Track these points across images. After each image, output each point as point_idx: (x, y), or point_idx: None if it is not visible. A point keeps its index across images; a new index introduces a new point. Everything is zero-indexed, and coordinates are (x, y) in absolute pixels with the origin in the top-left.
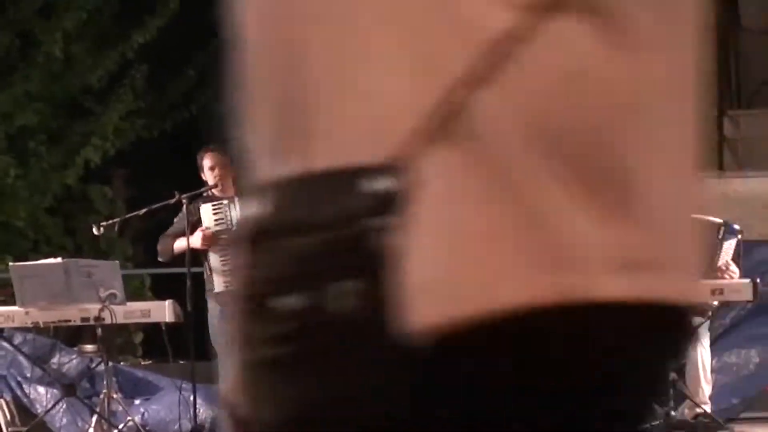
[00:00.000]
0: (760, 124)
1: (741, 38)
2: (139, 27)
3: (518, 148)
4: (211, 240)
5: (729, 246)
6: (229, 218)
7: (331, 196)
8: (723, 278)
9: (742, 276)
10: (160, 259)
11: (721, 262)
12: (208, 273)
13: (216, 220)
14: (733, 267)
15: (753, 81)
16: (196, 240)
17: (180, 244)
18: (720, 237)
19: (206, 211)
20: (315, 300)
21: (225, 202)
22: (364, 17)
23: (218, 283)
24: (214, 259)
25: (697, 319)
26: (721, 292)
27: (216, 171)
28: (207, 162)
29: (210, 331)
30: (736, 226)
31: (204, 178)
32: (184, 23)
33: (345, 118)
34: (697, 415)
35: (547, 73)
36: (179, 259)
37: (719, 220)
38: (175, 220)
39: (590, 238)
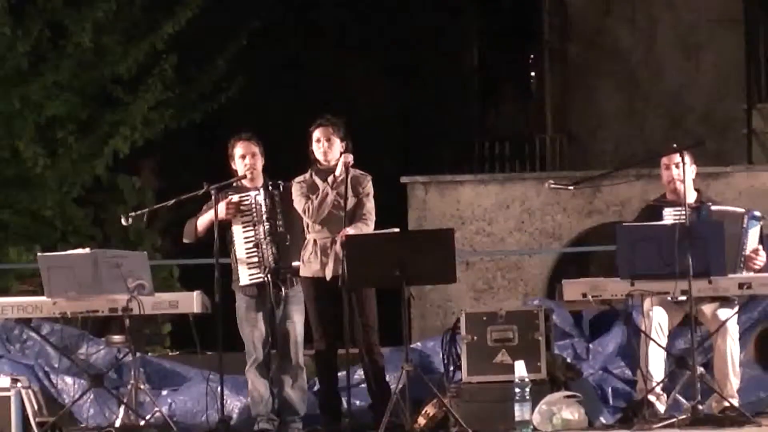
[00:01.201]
0: None
1: None
2: (169, 17)
3: None
4: (235, 207)
5: (754, 233)
6: (255, 208)
7: None
8: (753, 265)
9: None
10: (184, 239)
11: (749, 250)
12: (234, 264)
13: (243, 211)
14: (762, 252)
15: None
16: (220, 209)
17: (203, 219)
18: (744, 226)
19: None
20: None
21: (252, 193)
22: None
23: (243, 275)
24: (240, 251)
25: (726, 311)
26: (750, 285)
27: (247, 160)
28: (238, 150)
29: (237, 321)
30: (757, 213)
31: (234, 167)
32: (213, 14)
33: None
34: (724, 409)
35: None
36: (208, 249)
37: (741, 210)
38: (204, 208)
39: None
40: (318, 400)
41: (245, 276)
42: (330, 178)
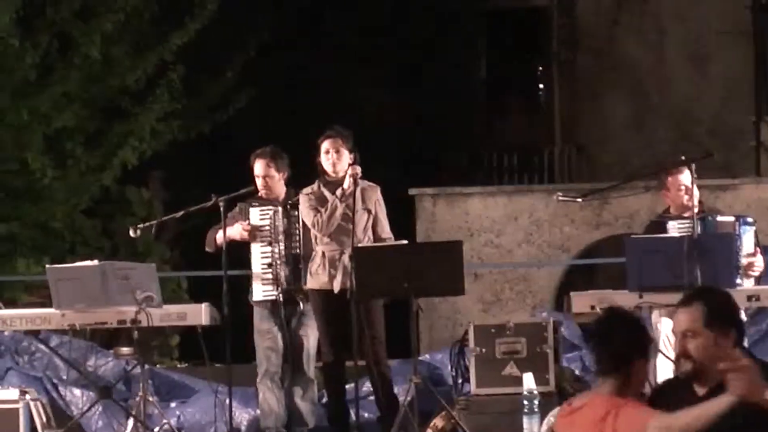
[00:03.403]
0: None
1: None
2: (178, 29)
3: None
4: (249, 234)
5: (748, 238)
6: (274, 223)
7: None
8: (752, 266)
9: None
10: (206, 248)
11: (745, 252)
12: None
13: (261, 225)
14: (759, 256)
15: None
16: (235, 231)
17: (220, 234)
18: (738, 232)
19: (254, 215)
20: None
21: (271, 208)
22: None
23: (257, 291)
24: (255, 266)
25: None
26: (758, 298)
27: (260, 181)
28: (256, 168)
29: (254, 332)
30: (750, 218)
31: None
32: (222, 25)
33: None
34: None
35: None
36: (217, 261)
37: (731, 218)
38: (229, 216)
39: None
40: (326, 413)
41: (259, 292)
42: (339, 191)
